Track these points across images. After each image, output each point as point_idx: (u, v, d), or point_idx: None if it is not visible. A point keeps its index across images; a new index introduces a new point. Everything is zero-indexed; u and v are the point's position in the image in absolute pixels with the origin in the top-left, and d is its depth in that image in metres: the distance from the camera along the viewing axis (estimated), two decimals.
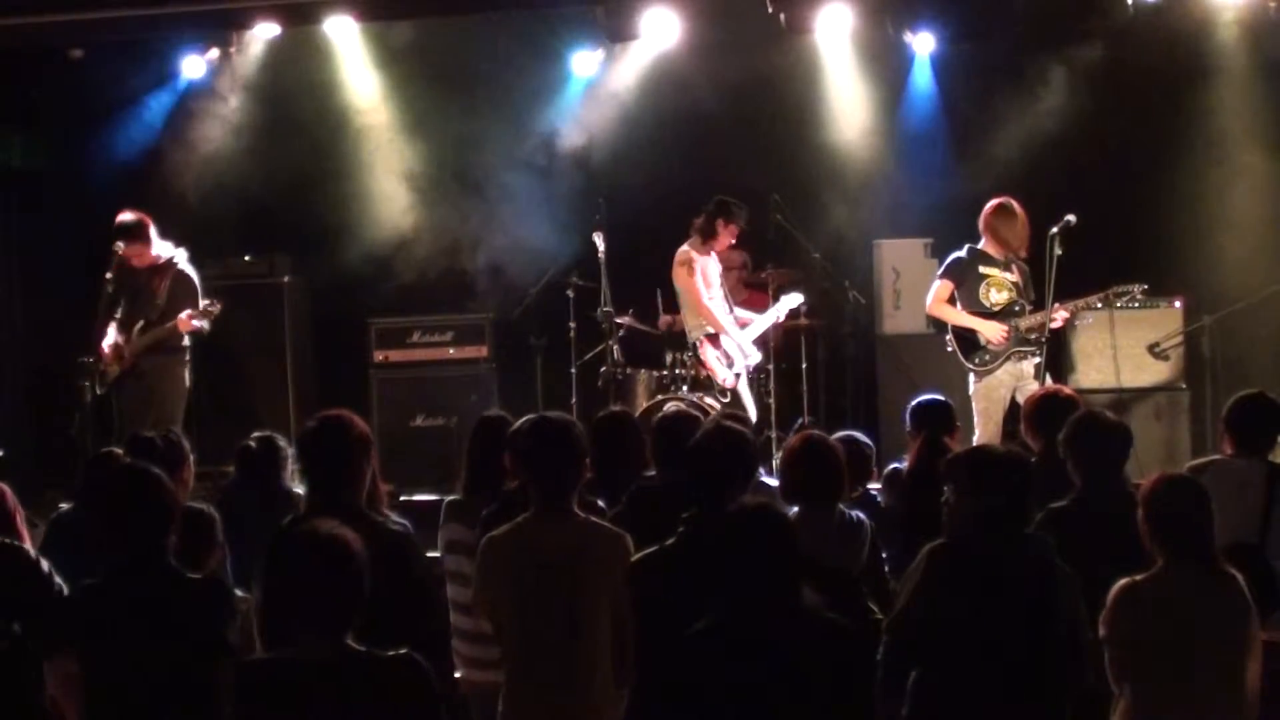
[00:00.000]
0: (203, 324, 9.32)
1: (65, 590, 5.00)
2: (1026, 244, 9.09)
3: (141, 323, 9.45)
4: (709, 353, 9.86)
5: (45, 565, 5.10)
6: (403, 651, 3.97)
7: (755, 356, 10.03)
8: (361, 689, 3.89)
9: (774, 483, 5.99)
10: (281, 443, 6.69)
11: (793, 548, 4.15)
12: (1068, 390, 7.16)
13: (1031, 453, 6.42)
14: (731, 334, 9.94)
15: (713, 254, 9.98)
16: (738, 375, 9.91)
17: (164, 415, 9.18)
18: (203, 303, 9.45)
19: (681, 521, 4.80)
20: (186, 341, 9.58)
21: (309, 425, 5.10)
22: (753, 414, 9.69)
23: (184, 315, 9.32)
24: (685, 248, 9.90)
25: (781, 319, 10.25)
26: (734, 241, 10.11)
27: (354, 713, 3.89)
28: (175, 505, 4.79)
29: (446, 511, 5.95)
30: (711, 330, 9.89)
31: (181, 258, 9.58)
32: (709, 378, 9.83)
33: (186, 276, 9.54)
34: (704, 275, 9.90)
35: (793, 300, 10.22)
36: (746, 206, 9.94)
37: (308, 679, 3.88)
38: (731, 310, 10.09)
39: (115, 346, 9.45)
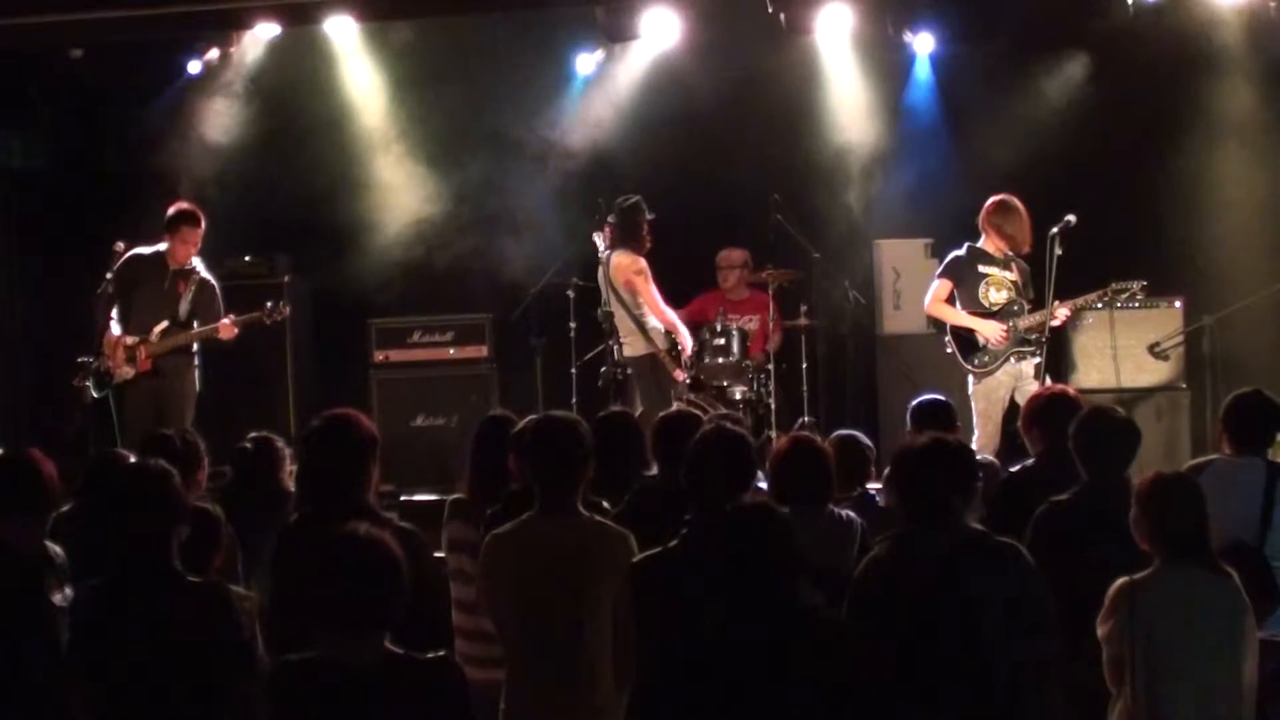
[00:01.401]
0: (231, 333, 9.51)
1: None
2: (1030, 240, 9.10)
3: (165, 324, 9.49)
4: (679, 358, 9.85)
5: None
6: (440, 654, 3.98)
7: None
8: (404, 691, 3.89)
9: (766, 487, 6.01)
10: (279, 443, 6.69)
11: (791, 547, 4.15)
12: (1071, 390, 7.15)
13: (1031, 453, 6.44)
14: (683, 330, 9.90)
15: None
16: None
17: (173, 417, 9.23)
18: (268, 304, 9.59)
19: (683, 523, 4.80)
20: (196, 346, 9.63)
21: (316, 424, 5.11)
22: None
23: (226, 321, 9.48)
24: (631, 255, 9.76)
25: None
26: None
27: (394, 714, 3.88)
28: (183, 505, 4.73)
29: (450, 510, 5.96)
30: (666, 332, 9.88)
31: (203, 267, 9.67)
32: (673, 383, 9.77)
33: (211, 285, 9.68)
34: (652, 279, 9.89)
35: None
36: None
37: (349, 680, 3.87)
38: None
39: (126, 346, 9.46)
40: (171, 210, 9.65)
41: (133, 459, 6.05)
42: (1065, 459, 5.72)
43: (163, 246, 9.63)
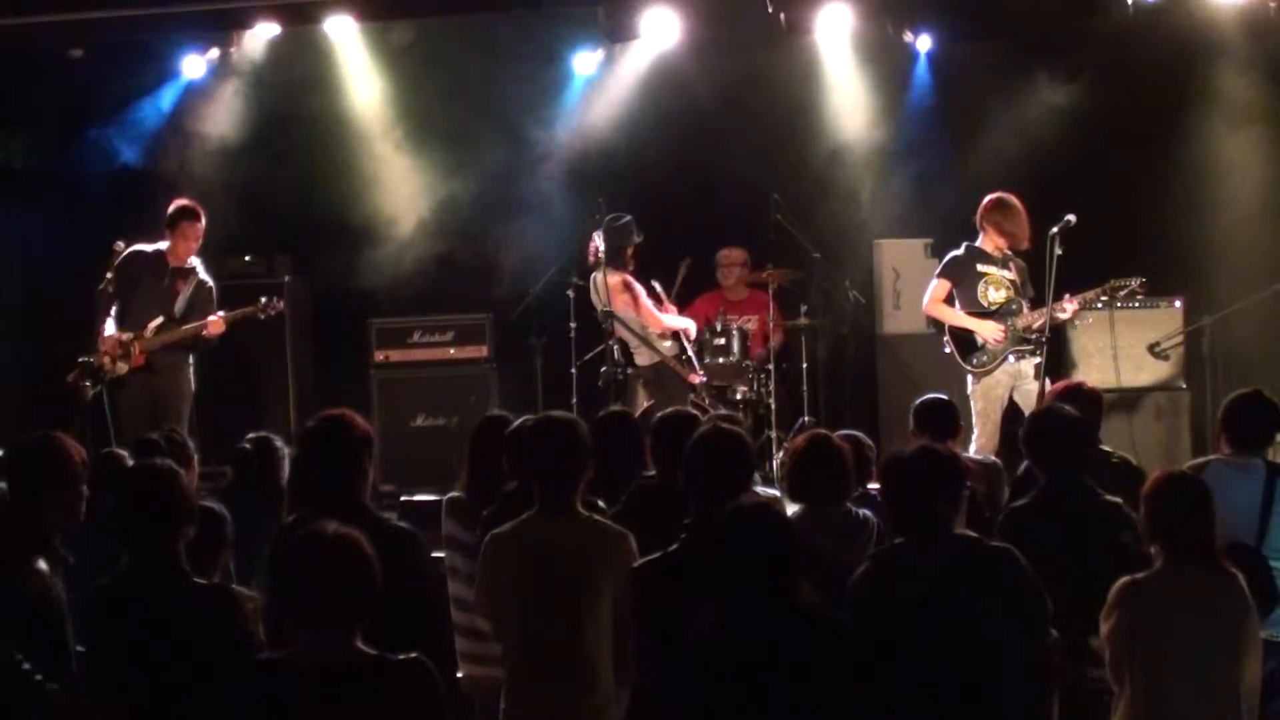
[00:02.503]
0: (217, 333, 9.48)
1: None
2: (1029, 236, 9.10)
3: (160, 319, 9.49)
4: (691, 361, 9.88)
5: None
6: (412, 655, 3.95)
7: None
8: (369, 692, 3.87)
9: (762, 490, 6.01)
10: (278, 442, 6.69)
11: (790, 547, 4.15)
12: (1089, 384, 7.14)
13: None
14: (685, 325, 9.96)
15: None
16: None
17: (169, 415, 9.24)
18: (262, 299, 9.62)
19: (683, 526, 4.80)
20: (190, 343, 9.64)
21: (311, 425, 5.12)
22: None
23: (214, 318, 9.47)
24: (616, 274, 9.82)
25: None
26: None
27: (361, 715, 3.87)
28: (191, 506, 4.72)
29: (446, 508, 5.99)
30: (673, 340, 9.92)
31: (202, 268, 9.68)
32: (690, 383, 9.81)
33: (209, 287, 9.71)
34: (643, 291, 9.89)
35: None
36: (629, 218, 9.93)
37: (316, 680, 3.86)
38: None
39: (121, 343, 9.47)
40: (172, 208, 9.69)
41: (130, 460, 6.05)
42: None
43: (164, 245, 9.66)
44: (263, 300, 9.73)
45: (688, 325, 10.03)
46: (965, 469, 4.96)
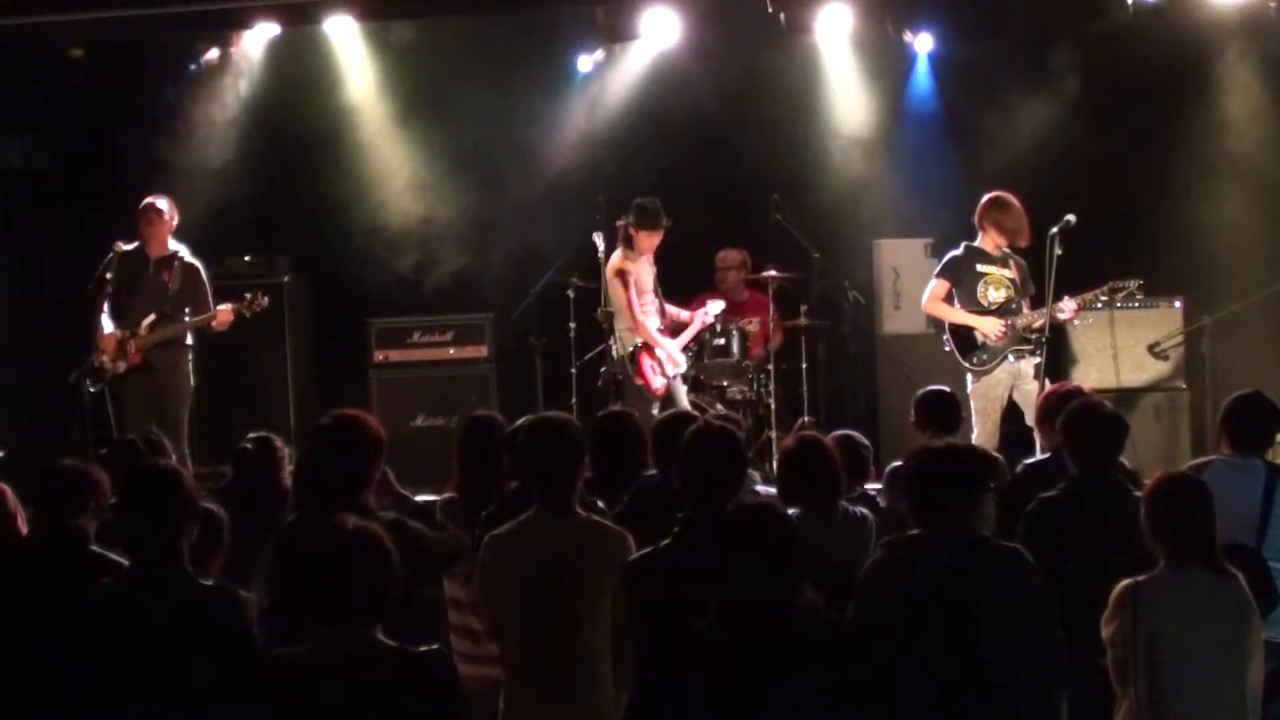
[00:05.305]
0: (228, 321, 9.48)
1: None
2: (1029, 232, 9.10)
3: (153, 316, 9.50)
4: (645, 363, 9.79)
5: None
6: (433, 647, 3.99)
7: (683, 365, 9.93)
8: (393, 684, 3.89)
9: (762, 489, 6.02)
10: (278, 442, 6.69)
11: (792, 547, 4.15)
12: (1084, 387, 7.15)
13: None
14: (662, 344, 9.83)
15: (645, 259, 9.86)
16: (670, 378, 9.85)
17: (170, 412, 9.24)
18: (247, 295, 9.61)
19: (677, 522, 4.80)
20: (190, 339, 9.63)
21: (324, 422, 5.13)
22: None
23: (224, 307, 9.46)
24: (619, 257, 9.77)
25: (709, 320, 10.15)
26: (658, 243, 9.90)
27: (383, 708, 3.88)
28: (193, 506, 4.71)
29: (441, 509, 6.01)
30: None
31: (185, 251, 9.67)
32: (644, 387, 9.75)
33: (194, 268, 9.66)
34: (637, 285, 9.82)
35: (715, 307, 10.16)
36: (660, 206, 9.78)
37: (340, 673, 3.87)
38: (664, 315, 9.99)
39: (119, 341, 9.48)
40: (142, 205, 9.71)
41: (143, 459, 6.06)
42: None
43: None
44: (247, 296, 9.67)
45: (675, 355, 9.87)
46: (994, 468, 4.97)
